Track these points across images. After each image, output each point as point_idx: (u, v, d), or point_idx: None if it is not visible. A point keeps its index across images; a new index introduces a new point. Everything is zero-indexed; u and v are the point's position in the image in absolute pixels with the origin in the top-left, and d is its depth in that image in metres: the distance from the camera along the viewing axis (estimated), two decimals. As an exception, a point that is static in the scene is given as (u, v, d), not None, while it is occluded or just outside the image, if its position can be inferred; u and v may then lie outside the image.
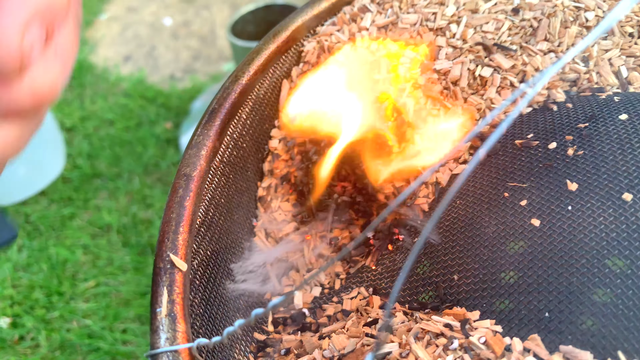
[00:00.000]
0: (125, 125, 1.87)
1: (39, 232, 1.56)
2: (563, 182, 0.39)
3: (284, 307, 0.47)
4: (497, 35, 0.50)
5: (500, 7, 0.52)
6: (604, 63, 0.48)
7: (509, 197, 0.41)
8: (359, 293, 0.46)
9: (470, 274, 0.39)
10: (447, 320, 0.37)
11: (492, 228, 0.40)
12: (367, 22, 0.53)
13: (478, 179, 0.45)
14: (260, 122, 0.51)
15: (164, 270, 0.34)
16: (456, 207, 0.44)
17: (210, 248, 0.42)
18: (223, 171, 0.45)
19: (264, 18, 1.64)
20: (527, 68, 0.48)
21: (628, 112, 0.42)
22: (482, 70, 0.48)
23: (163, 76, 2.14)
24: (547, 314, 0.34)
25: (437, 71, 0.48)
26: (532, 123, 0.46)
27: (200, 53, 2.27)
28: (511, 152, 0.44)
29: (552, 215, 0.38)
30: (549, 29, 0.49)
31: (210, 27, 2.41)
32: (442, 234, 0.43)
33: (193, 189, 0.39)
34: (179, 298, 0.33)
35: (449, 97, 0.48)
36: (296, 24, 0.51)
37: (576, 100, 0.47)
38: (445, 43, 0.50)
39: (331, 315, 0.45)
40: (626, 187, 0.36)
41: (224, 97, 0.45)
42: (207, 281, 0.40)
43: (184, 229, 0.37)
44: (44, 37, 0.21)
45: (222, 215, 0.45)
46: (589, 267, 0.34)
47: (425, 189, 0.48)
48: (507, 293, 0.37)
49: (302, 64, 0.52)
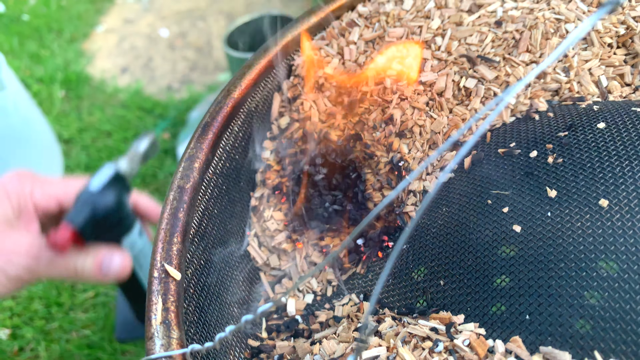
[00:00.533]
0: (123, 137, 1.88)
1: (37, 243, 1.57)
2: (543, 189, 0.40)
3: (277, 315, 0.48)
4: (481, 47, 0.52)
5: (484, 19, 0.53)
6: (584, 73, 0.50)
7: (492, 204, 0.42)
8: (350, 300, 0.48)
9: (456, 278, 0.41)
10: (433, 324, 0.38)
11: (476, 235, 0.41)
12: (355, 36, 0.54)
13: (463, 186, 0.46)
14: (252, 134, 0.53)
15: (159, 280, 0.36)
16: (442, 214, 0.45)
17: (204, 257, 0.43)
18: (216, 182, 0.47)
19: (259, 29, 1.66)
20: (510, 79, 0.50)
21: (606, 120, 0.44)
22: (467, 81, 0.50)
23: (160, 87, 2.16)
24: (528, 316, 0.36)
25: (423, 83, 0.50)
26: (515, 132, 0.48)
27: (196, 64, 2.29)
28: (494, 161, 0.45)
29: (533, 221, 0.39)
30: (530, 41, 0.51)
31: (206, 38, 2.43)
32: (429, 241, 0.45)
33: (187, 201, 0.40)
34: (173, 306, 0.35)
35: (434, 108, 0.49)
36: (286, 39, 0.52)
37: (557, 109, 0.49)
38: (430, 55, 0.51)
39: (323, 322, 0.46)
40: (602, 193, 0.38)
41: (216, 110, 0.47)
42: (202, 289, 0.42)
43: (178, 239, 0.38)
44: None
45: (216, 225, 0.46)
46: (567, 271, 0.36)
47: (414, 197, 0.49)
48: (490, 297, 0.38)
49: (293, 77, 0.54)
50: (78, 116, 1.98)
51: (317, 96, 0.53)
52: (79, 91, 2.09)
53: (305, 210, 0.53)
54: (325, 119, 0.53)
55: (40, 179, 0.56)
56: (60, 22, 2.49)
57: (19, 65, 2.20)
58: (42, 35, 2.41)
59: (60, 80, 2.09)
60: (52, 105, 2.00)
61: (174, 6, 2.68)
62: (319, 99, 0.53)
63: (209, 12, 2.61)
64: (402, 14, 0.56)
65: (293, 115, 0.53)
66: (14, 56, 2.28)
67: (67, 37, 2.42)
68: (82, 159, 1.79)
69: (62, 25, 2.48)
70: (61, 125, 1.93)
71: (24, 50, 2.30)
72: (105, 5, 2.70)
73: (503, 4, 0.54)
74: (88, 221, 0.51)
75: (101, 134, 1.92)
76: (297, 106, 0.53)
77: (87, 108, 2.02)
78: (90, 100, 2.07)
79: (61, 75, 2.12)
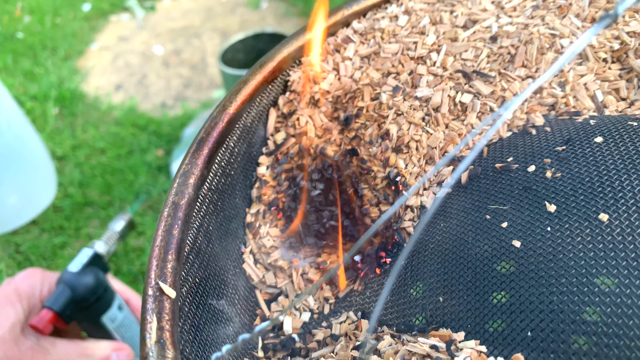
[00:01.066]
0: (117, 154, 1.88)
1: (29, 262, 1.55)
2: (542, 203, 0.40)
3: (273, 333, 0.48)
4: (477, 63, 0.52)
5: (479, 35, 0.54)
6: (579, 87, 0.50)
7: (491, 219, 0.42)
8: (347, 317, 0.47)
9: (455, 295, 0.40)
10: (433, 342, 0.38)
11: (475, 250, 0.41)
12: (350, 53, 0.54)
13: (461, 202, 0.46)
14: (248, 150, 0.52)
15: (153, 298, 0.35)
16: (440, 230, 0.45)
17: (199, 275, 0.43)
18: (211, 199, 0.46)
19: (253, 46, 1.67)
20: (506, 94, 0.50)
21: (603, 135, 0.44)
22: (463, 96, 0.50)
23: (154, 104, 2.16)
24: (530, 333, 0.35)
25: (419, 98, 0.50)
26: (512, 147, 0.47)
27: (191, 81, 2.29)
28: (492, 176, 0.45)
29: (532, 236, 0.39)
30: (526, 56, 0.51)
31: (200, 56, 2.44)
32: (427, 257, 0.44)
33: (181, 217, 0.40)
34: (168, 325, 0.34)
35: (430, 123, 0.49)
36: (282, 54, 0.52)
37: (554, 124, 0.49)
38: (426, 71, 0.51)
39: (320, 340, 0.45)
40: (602, 207, 0.38)
41: (211, 126, 0.46)
42: (197, 308, 0.41)
43: (172, 256, 0.37)
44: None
45: (211, 242, 0.46)
46: (569, 287, 0.35)
47: (411, 212, 0.49)
48: (490, 313, 0.37)
49: (289, 93, 0.54)
50: (72, 133, 1.97)
51: (313, 111, 0.53)
52: (73, 108, 2.09)
53: (302, 227, 0.52)
54: (321, 134, 0.52)
55: (49, 275, 0.62)
56: (55, 40, 2.50)
57: (13, 82, 2.20)
58: (36, 52, 2.41)
59: (54, 98, 2.09)
60: (46, 122, 2.00)
61: (168, 24, 2.70)
62: (315, 114, 0.52)
63: (203, 29, 2.63)
64: (397, 30, 0.56)
65: (289, 130, 0.53)
66: (7, 74, 2.28)
67: (61, 54, 2.43)
68: (76, 176, 1.78)
69: (56, 43, 2.49)
70: (55, 143, 1.92)
71: (17, 68, 2.30)
72: (100, 23, 2.72)
73: (498, 19, 0.55)
74: (68, 303, 0.58)
75: (95, 151, 1.91)
76: (293, 121, 0.53)
77: (81, 125, 2.02)
78: (84, 117, 2.07)
79: (55, 92, 2.12)
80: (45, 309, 0.57)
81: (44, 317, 0.56)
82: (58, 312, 0.57)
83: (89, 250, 0.66)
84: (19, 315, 0.56)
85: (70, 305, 0.59)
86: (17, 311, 0.56)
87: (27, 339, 0.56)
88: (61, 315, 0.58)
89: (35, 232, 1.63)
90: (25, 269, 0.62)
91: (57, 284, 0.60)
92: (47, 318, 0.56)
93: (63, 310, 0.58)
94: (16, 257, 1.57)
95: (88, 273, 0.62)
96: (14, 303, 0.57)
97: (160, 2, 2.87)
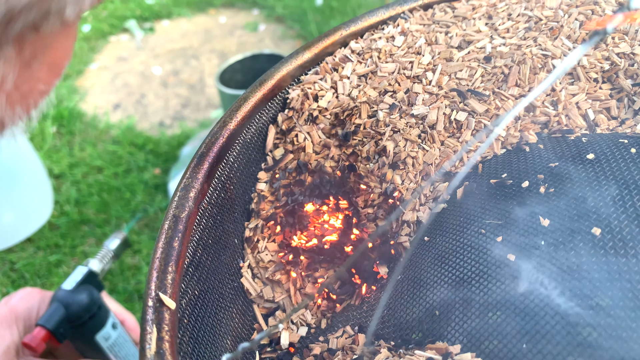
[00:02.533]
0: (114, 172, 1.88)
1: (24, 280, 1.54)
2: (536, 218, 0.41)
3: (270, 348, 0.48)
4: (471, 82, 0.53)
5: (473, 55, 0.55)
6: (571, 106, 0.51)
7: (486, 233, 0.43)
8: (344, 332, 0.47)
9: (451, 308, 0.41)
10: (429, 355, 0.38)
11: (470, 263, 0.42)
12: (348, 71, 0.56)
13: (456, 217, 0.46)
14: (247, 165, 0.53)
15: (153, 309, 0.35)
16: (436, 244, 0.46)
17: (198, 287, 0.43)
18: (211, 213, 0.47)
19: (251, 67, 1.69)
20: (500, 112, 0.51)
21: (595, 152, 0.45)
22: (458, 114, 0.51)
23: (152, 123, 2.18)
24: (525, 345, 0.35)
25: (415, 116, 0.51)
26: (507, 163, 0.48)
27: (189, 101, 2.31)
28: (487, 191, 0.46)
29: (527, 250, 0.39)
30: (519, 75, 0.53)
31: (199, 76, 2.46)
32: (423, 271, 0.45)
33: (182, 230, 0.40)
34: (167, 336, 0.34)
35: (426, 140, 0.50)
36: (281, 73, 0.54)
37: (547, 141, 0.50)
38: (421, 90, 0.53)
39: (318, 355, 0.46)
40: (594, 222, 0.39)
41: (212, 141, 0.47)
42: (196, 320, 0.41)
43: (173, 268, 0.38)
44: None
45: (210, 255, 0.46)
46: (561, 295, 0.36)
47: (407, 227, 0.50)
48: (487, 325, 0.38)
49: (287, 110, 0.55)
50: (69, 152, 1.98)
51: (311, 128, 0.54)
52: (71, 127, 2.10)
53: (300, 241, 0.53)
54: (319, 150, 0.53)
55: (47, 295, 0.62)
56: (54, 60, 2.51)
57: (12, 101, 2.20)
58: (35, 72, 2.42)
59: (53, 116, 2.10)
60: (44, 140, 2.01)
61: (167, 45, 2.73)
62: (313, 131, 0.53)
63: (202, 50, 2.66)
64: (393, 50, 0.57)
65: (287, 146, 0.54)
66: (6, 92, 2.29)
67: (60, 74, 2.44)
68: (73, 194, 1.79)
69: (56, 62, 2.50)
70: (52, 161, 1.93)
71: (16, 87, 2.30)
72: (100, 44, 2.74)
73: (492, 40, 0.56)
74: (61, 321, 0.58)
75: (92, 169, 1.91)
76: (292, 138, 0.54)
77: (79, 144, 2.02)
78: (82, 135, 2.07)
79: (53, 111, 2.13)
80: (38, 327, 0.57)
81: (37, 336, 0.56)
82: (51, 330, 0.57)
83: (83, 268, 0.65)
84: (14, 338, 0.56)
85: (64, 324, 0.58)
86: (12, 333, 0.56)
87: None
88: (54, 334, 0.57)
89: (30, 250, 1.63)
90: (24, 289, 0.62)
91: (51, 302, 0.60)
92: (40, 336, 0.56)
93: (56, 329, 0.57)
94: (11, 274, 1.56)
95: (82, 291, 0.61)
96: (10, 325, 0.56)
97: (160, 24, 2.91)
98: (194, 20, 2.93)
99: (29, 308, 0.59)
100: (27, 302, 0.60)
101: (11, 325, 0.56)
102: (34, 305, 0.60)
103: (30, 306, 0.60)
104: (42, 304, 0.61)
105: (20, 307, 0.58)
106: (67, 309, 0.59)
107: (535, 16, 0.58)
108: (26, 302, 0.59)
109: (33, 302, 0.60)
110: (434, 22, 0.60)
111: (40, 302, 0.61)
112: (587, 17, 0.57)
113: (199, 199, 0.44)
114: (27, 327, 0.58)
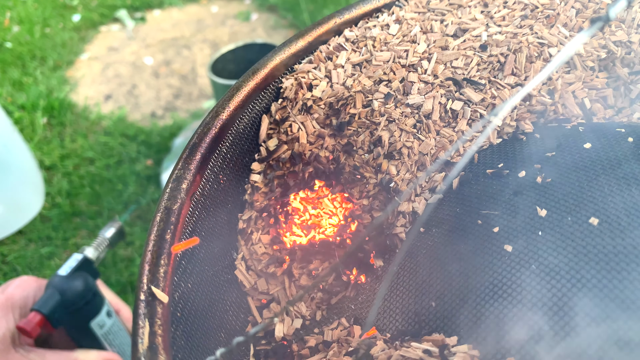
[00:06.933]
0: (106, 163, 1.86)
1: (16, 272, 1.53)
2: (533, 208, 0.41)
3: (265, 340, 0.47)
4: (467, 71, 0.52)
5: (469, 43, 0.54)
6: (568, 95, 0.51)
7: (482, 224, 0.42)
8: (339, 324, 0.47)
9: (447, 299, 0.40)
10: (426, 347, 0.38)
11: (467, 255, 0.41)
12: (342, 60, 0.55)
13: (453, 207, 0.46)
14: (240, 156, 0.52)
15: (146, 302, 0.34)
16: (432, 235, 0.45)
17: (191, 281, 0.42)
18: (204, 204, 0.46)
19: (243, 57, 1.67)
20: (495, 101, 0.50)
21: (592, 141, 0.45)
22: (453, 103, 0.50)
23: (144, 114, 2.16)
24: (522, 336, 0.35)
25: (410, 105, 0.50)
26: (503, 153, 0.48)
27: (181, 91, 2.29)
28: (483, 181, 0.46)
29: (524, 240, 0.39)
30: (515, 64, 0.52)
31: (191, 66, 2.44)
32: (419, 262, 0.44)
33: (174, 222, 0.40)
34: (160, 330, 0.34)
35: (422, 130, 0.50)
36: (274, 62, 0.53)
37: (544, 130, 0.49)
38: (417, 79, 0.52)
39: (313, 347, 0.45)
40: (592, 211, 0.38)
41: (204, 132, 0.46)
42: (189, 314, 0.41)
43: (165, 261, 0.37)
44: None
45: (203, 248, 0.46)
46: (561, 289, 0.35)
47: (403, 218, 0.49)
48: (483, 317, 0.38)
49: (281, 100, 0.54)
50: (60, 143, 1.96)
51: (305, 118, 0.53)
52: (62, 118, 2.08)
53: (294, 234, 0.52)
54: (313, 140, 0.52)
55: (43, 283, 0.62)
56: (44, 50, 2.49)
57: (1, 92, 2.18)
58: (25, 62, 2.40)
59: (43, 107, 2.08)
60: (34, 132, 1.98)
61: (158, 35, 2.70)
62: (307, 121, 0.53)
63: (194, 40, 2.63)
64: (388, 38, 0.56)
65: (281, 137, 0.53)
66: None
67: (50, 64, 2.41)
68: (64, 186, 1.77)
69: (45, 52, 2.48)
70: (43, 152, 1.91)
71: (5, 78, 2.28)
72: (90, 34, 2.71)
73: (487, 28, 0.56)
74: (57, 306, 0.58)
75: (84, 160, 1.89)
76: (286, 128, 0.53)
77: (70, 135, 2.00)
78: (73, 127, 2.05)
79: (44, 102, 2.10)
80: (33, 312, 0.56)
81: (32, 320, 0.55)
82: (46, 315, 0.57)
83: (79, 255, 0.65)
84: (10, 326, 0.55)
85: (59, 309, 0.58)
86: (8, 321, 0.55)
87: (16, 351, 0.55)
88: (49, 319, 0.57)
89: (22, 243, 1.61)
90: (20, 277, 0.61)
91: (46, 287, 0.60)
92: (35, 321, 0.55)
93: (51, 314, 0.57)
94: (2, 267, 1.55)
95: (77, 277, 0.61)
96: (6, 313, 0.56)
97: (151, 13, 2.87)
98: (185, 9, 2.90)
99: (25, 296, 0.59)
100: (23, 290, 0.59)
101: (7, 314, 0.56)
102: (30, 294, 0.60)
103: (27, 294, 0.59)
104: (38, 292, 0.61)
105: (16, 295, 0.58)
106: (62, 295, 0.59)
107: (531, 4, 0.57)
108: (22, 291, 0.59)
109: (29, 290, 0.60)
110: (429, 10, 0.60)
111: (36, 291, 0.61)
112: (584, 5, 0.56)
113: (191, 190, 0.43)
114: (23, 316, 0.58)
